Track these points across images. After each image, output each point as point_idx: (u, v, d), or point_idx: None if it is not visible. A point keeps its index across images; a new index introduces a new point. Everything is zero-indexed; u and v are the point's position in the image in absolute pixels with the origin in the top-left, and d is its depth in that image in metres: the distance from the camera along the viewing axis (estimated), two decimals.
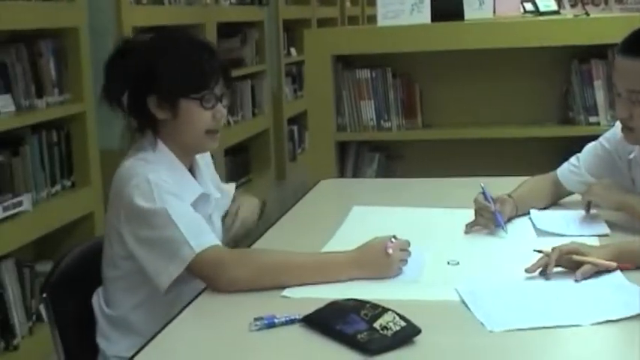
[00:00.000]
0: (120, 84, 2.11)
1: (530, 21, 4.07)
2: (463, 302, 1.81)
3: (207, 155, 2.36)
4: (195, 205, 2.09)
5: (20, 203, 3.39)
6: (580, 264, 1.93)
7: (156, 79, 2.08)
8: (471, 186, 2.44)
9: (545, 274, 1.94)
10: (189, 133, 2.12)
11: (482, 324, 1.70)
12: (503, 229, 2.32)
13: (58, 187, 3.80)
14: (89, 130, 3.93)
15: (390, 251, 1.96)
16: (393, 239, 1.99)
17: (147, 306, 2.10)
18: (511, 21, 4.01)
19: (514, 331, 1.67)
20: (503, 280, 1.96)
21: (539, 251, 2.00)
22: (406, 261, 2.00)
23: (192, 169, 2.22)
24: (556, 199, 2.61)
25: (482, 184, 2.38)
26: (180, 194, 2.05)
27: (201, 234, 1.99)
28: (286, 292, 1.91)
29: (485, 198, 2.36)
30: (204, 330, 1.82)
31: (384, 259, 1.96)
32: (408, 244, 2.03)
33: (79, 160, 3.93)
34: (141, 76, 2.09)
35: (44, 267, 3.52)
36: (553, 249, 1.96)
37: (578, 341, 1.66)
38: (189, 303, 1.92)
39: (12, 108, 3.53)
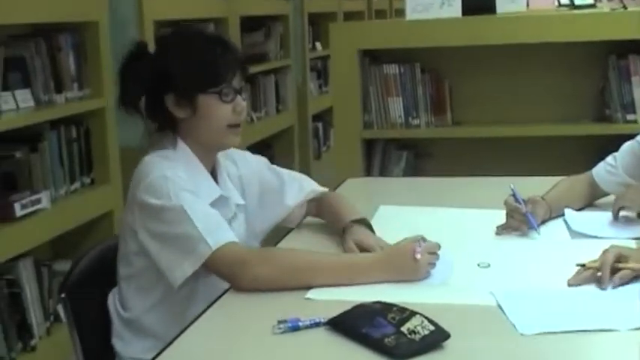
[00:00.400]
0: (136, 87, 2.13)
1: (565, 15, 4.04)
2: (498, 305, 1.80)
3: (249, 159, 2.38)
4: (212, 206, 2.10)
5: (39, 201, 3.41)
6: (618, 268, 1.92)
7: (172, 78, 2.10)
8: (502, 186, 2.43)
9: (601, 287, 1.90)
10: (210, 129, 2.14)
11: (514, 327, 1.70)
12: (536, 230, 2.31)
13: (77, 184, 3.82)
14: (109, 126, 3.95)
15: (419, 256, 1.95)
16: (421, 241, 1.98)
17: (161, 307, 2.12)
18: (545, 15, 3.99)
19: (546, 336, 1.66)
20: (537, 283, 1.96)
21: (582, 265, 1.97)
22: (434, 264, 1.99)
23: (214, 172, 2.23)
24: (591, 200, 2.59)
25: (511, 186, 2.37)
26: (196, 192, 2.06)
27: (218, 230, 2.00)
28: (310, 294, 1.91)
29: (516, 200, 2.34)
30: (226, 332, 1.83)
31: (411, 262, 1.95)
32: (438, 246, 2.02)
33: (99, 157, 3.95)
34: (156, 76, 2.11)
35: (62, 266, 3.53)
36: (602, 265, 1.92)
37: (613, 346, 1.65)
38: (212, 304, 1.92)
39: (31, 103, 3.56)
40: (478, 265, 2.10)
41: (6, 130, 3.27)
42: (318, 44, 7.60)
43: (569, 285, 1.93)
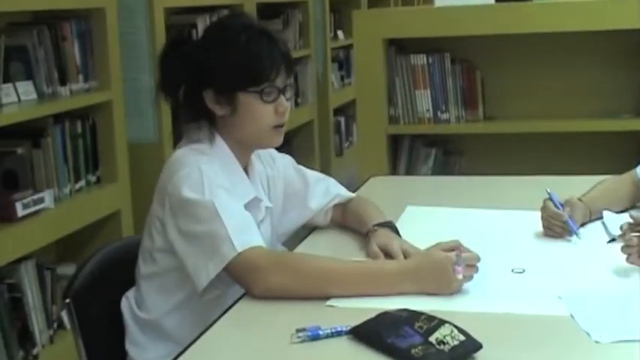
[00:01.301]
0: (175, 76, 2.14)
1: (606, 1, 4.02)
2: (576, 315, 1.79)
3: (275, 158, 2.38)
4: (245, 208, 2.10)
5: (41, 200, 3.42)
6: None
7: (211, 72, 2.10)
8: (537, 185, 2.43)
9: None
10: (251, 129, 2.15)
11: (548, 336, 1.69)
12: (576, 234, 2.30)
13: (82, 182, 3.83)
14: (116, 121, 3.96)
15: (460, 276, 1.90)
16: (460, 249, 1.93)
17: (182, 310, 2.12)
18: (584, 1, 3.97)
19: (583, 344, 1.66)
20: (573, 289, 1.95)
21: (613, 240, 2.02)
22: (472, 277, 1.95)
23: (246, 171, 2.24)
24: (635, 201, 2.57)
25: (548, 190, 2.36)
26: (232, 191, 2.07)
27: (247, 233, 2.00)
28: (332, 301, 1.91)
29: (555, 204, 2.34)
30: (242, 341, 1.83)
31: (445, 274, 1.91)
32: (477, 258, 1.97)
33: (106, 154, 3.96)
34: (196, 67, 2.11)
35: (67, 270, 3.55)
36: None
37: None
38: (227, 310, 1.93)
39: (33, 96, 3.57)
40: (512, 270, 2.10)
41: (7, 124, 3.29)
42: (340, 33, 7.60)
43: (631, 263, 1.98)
